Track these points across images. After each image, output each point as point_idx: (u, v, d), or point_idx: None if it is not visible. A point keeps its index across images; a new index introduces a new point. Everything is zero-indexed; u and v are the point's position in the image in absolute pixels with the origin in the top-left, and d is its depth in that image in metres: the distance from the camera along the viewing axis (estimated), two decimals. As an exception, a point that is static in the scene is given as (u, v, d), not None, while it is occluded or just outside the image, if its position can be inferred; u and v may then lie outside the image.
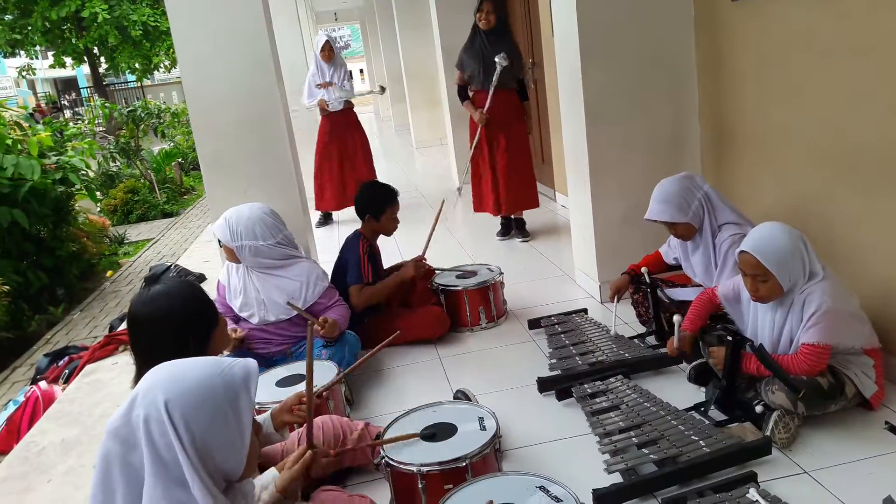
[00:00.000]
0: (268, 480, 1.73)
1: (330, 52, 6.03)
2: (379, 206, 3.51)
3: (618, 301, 3.18)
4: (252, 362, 1.40)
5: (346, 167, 6.18)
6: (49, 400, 3.64)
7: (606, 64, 3.42)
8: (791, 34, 2.86)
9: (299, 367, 2.83)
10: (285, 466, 1.68)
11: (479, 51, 4.67)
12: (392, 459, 2.15)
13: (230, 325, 3.03)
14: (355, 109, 6.23)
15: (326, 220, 6.44)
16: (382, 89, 9.42)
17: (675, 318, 2.63)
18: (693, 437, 2.28)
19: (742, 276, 2.39)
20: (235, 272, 3.11)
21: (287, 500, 1.64)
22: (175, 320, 1.86)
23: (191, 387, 1.29)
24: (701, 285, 2.97)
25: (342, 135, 6.12)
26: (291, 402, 2.08)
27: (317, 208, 6.29)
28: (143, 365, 1.39)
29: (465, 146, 5.58)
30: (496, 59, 4.54)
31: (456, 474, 2.07)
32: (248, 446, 1.34)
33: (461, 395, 2.71)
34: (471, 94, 4.85)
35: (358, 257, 3.41)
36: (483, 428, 2.25)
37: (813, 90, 2.79)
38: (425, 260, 3.62)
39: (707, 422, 2.40)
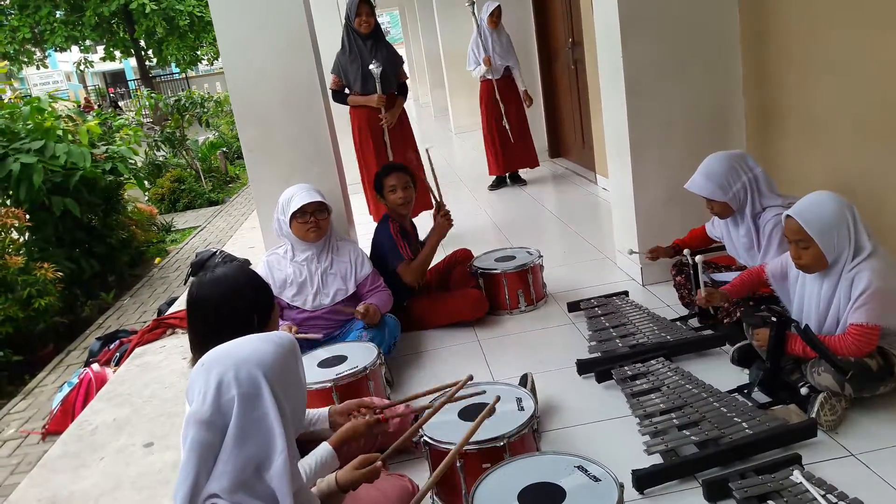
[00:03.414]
0: (323, 454, 1.82)
1: (498, 18, 5.96)
2: (378, 182, 3.55)
3: (648, 257, 3.20)
4: (284, 332, 1.52)
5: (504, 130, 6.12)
6: (101, 382, 3.77)
7: (647, 38, 3.35)
8: (838, 3, 2.76)
9: (339, 349, 2.87)
10: (351, 465, 1.70)
11: (357, 56, 4.54)
12: (431, 439, 2.17)
13: (282, 322, 3.11)
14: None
15: (499, 183, 6.42)
16: None
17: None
18: (735, 418, 2.24)
19: (788, 244, 2.34)
20: (290, 261, 3.15)
21: (341, 494, 1.68)
22: (241, 300, 1.93)
23: (275, 359, 1.39)
24: (745, 267, 2.91)
25: (504, 99, 6.04)
26: (352, 407, 2.13)
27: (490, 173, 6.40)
28: (204, 345, 1.46)
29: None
30: (370, 68, 4.45)
31: (494, 454, 2.08)
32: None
33: (524, 379, 2.68)
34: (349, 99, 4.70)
35: (392, 239, 3.43)
36: (521, 408, 2.25)
37: (862, 62, 2.69)
38: (444, 206, 3.55)
39: (750, 404, 2.36)
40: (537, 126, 7.23)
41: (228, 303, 1.92)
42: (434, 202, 3.59)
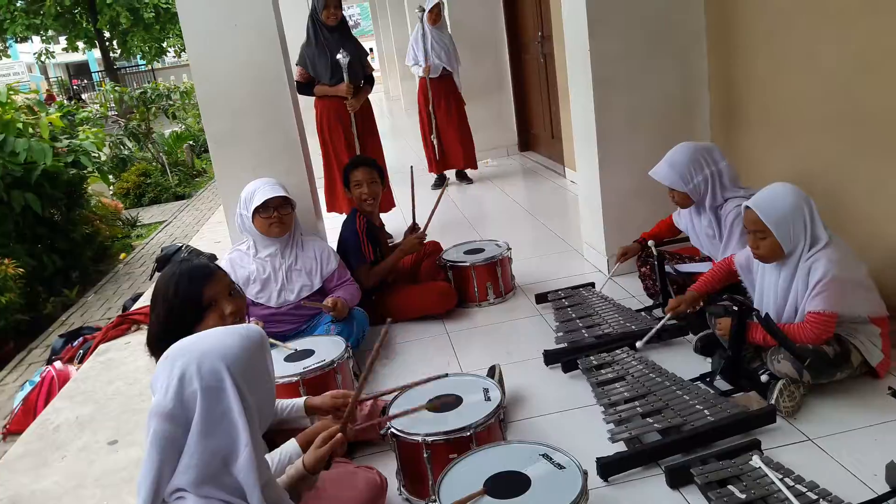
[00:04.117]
0: (290, 450, 1.82)
1: (438, 15, 5.86)
2: (346, 175, 3.56)
3: (619, 263, 3.22)
4: (253, 325, 1.51)
5: (441, 130, 6.09)
6: (64, 379, 3.69)
7: (614, 31, 3.38)
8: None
9: (307, 343, 2.85)
10: (314, 445, 1.69)
11: (324, 48, 4.53)
12: (398, 430, 2.17)
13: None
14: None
15: (440, 182, 6.27)
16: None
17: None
18: (697, 406, 2.28)
19: (747, 234, 2.39)
20: (252, 258, 3.11)
21: (311, 477, 1.68)
22: (168, 298, 1.91)
23: (239, 352, 1.38)
24: (709, 258, 2.96)
25: (437, 100, 5.99)
26: (329, 404, 2.14)
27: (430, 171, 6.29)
28: (162, 341, 1.46)
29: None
30: (338, 58, 4.47)
31: (461, 444, 2.09)
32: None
33: (492, 371, 2.69)
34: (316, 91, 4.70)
35: (357, 237, 3.42)
36: (488, 399, 2.26)
37: (826, 56, 2.75)
38: (419, 229, 3.56)
39: (712, 392, 2.40)
40: (507, 119, 7.26)
41: (161, 300, 1.92)
42: (413, 217, 3.60)
